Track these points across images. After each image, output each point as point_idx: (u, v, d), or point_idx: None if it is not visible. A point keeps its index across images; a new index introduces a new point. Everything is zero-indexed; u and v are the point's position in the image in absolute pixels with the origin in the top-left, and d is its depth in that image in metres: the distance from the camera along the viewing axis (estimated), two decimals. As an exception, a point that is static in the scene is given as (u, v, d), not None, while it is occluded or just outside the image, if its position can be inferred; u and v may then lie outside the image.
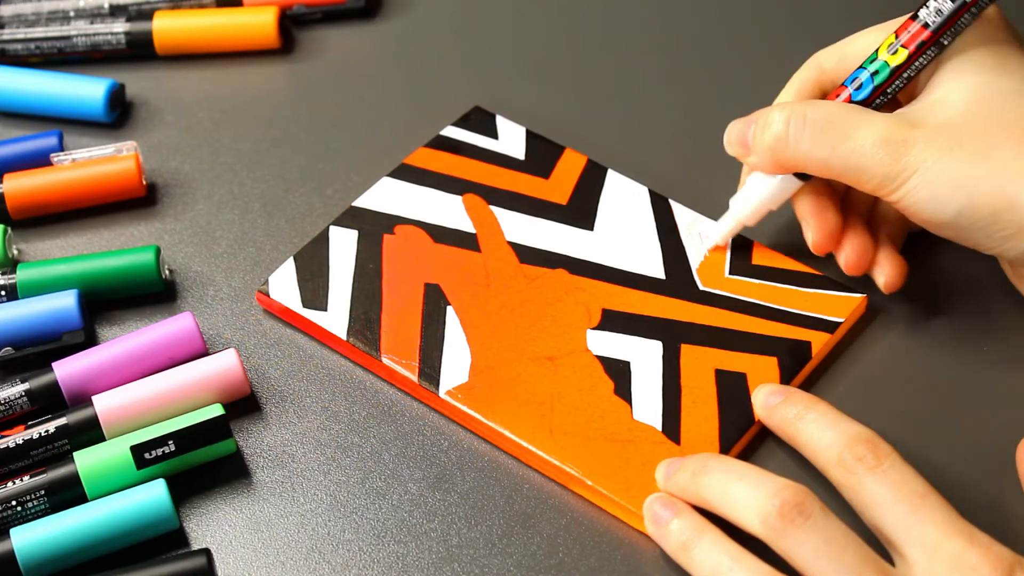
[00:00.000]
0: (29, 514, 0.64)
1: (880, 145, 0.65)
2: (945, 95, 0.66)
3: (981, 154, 0.64)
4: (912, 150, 0.64)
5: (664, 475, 0.64)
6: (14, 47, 0.82)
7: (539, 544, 0.64)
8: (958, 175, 0.64)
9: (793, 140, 0.66)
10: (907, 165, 0.64)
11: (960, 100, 0.65)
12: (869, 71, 0.67)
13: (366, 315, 0.70)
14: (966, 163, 0.64)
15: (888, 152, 0.64)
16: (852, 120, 0.66)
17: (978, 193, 0.64)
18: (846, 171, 0.66)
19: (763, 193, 0.69)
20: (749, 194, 0.70)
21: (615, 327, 0.69)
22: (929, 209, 0.65)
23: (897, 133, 0.65)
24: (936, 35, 0.66)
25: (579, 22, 0.84)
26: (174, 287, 0.73)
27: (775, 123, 0.67)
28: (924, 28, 0.66)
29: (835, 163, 0.66)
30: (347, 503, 0.65)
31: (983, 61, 0.66)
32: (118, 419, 0.66)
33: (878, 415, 0.65)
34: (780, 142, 0.67)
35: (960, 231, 0.65)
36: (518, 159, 0.76)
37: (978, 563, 0.57)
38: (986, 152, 0.64)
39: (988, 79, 0.65)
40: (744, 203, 0.70)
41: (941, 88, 0.66)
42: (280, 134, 0.80)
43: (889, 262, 0.69)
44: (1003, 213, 0.64)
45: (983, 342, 0.69)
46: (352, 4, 0.84)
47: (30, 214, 0.76)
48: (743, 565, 0.59)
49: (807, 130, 0.66)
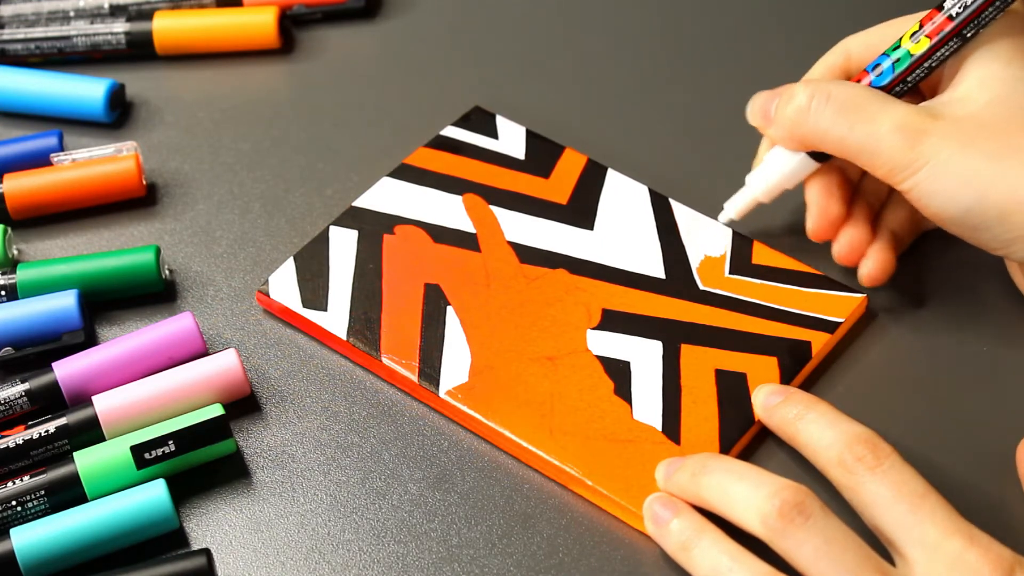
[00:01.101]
0: (29, 514, 0.64)
1: (897, 131, 0.65)
2: (968, 90, 0.66)
3: (996, 154, 0.64)
4: (927, 141, 0.64)
5: (664, 475, 0.64)
6: (14, 47, 0.82)
7: (539, 544, 0.64)
8: (969, 172, 0.64)
9: (814, 115, 0.67)
10: (920, 155, 0.64)
11: (983, 97, 0.65)
12: (891, 58, 0.68)
13: (366, 315, 0.70)
14: (979, 161, 0.64)
15: (903, 139, 0.65)
16: (875, 104, 0.66)
17: (988, 193, 0.64)
18: (861, 153, 0.66)
19: (779, 171, 0.70)
20: (765, 171, 0.70)
21: (615, 327, 0.69)
22: (938, 203, 0.65)
23: (916, 122, 0.65)
24: (960, 26, 0.66)
25: (579, 22, 0.84)
26: (174, 287, 0.73)
27: (799, 96, 0.67)
28: (948, 19, 0.66)
29: (851, 143, 0.66)
30: (347, 503, 0.65)
31: (1010, 58, 0.66)
32: (118, 419, 0.66)
33: (878, 415, 0.65)
34: (802, 115, 0.67)
35: (968, 229, 0.65)
36: (518, 159, 0.76)
37: (978, 563, 0.57)
38: (1002, 152, 0.64)
39: (1013, 76, 0.65)
40: (760, 180, 0.71)
41: (965, 83, 0.66)
42: (280, 134, 0.80)
43: (877, 255, 0.69)
44: (1013, 215, 0.63)
45: (983, 342, 0.69)
46: (352, 4, 0.84)
47: (30, 214, 0.76)
48: (743, 565, 0.59)
49: (829, 107, 0.66)
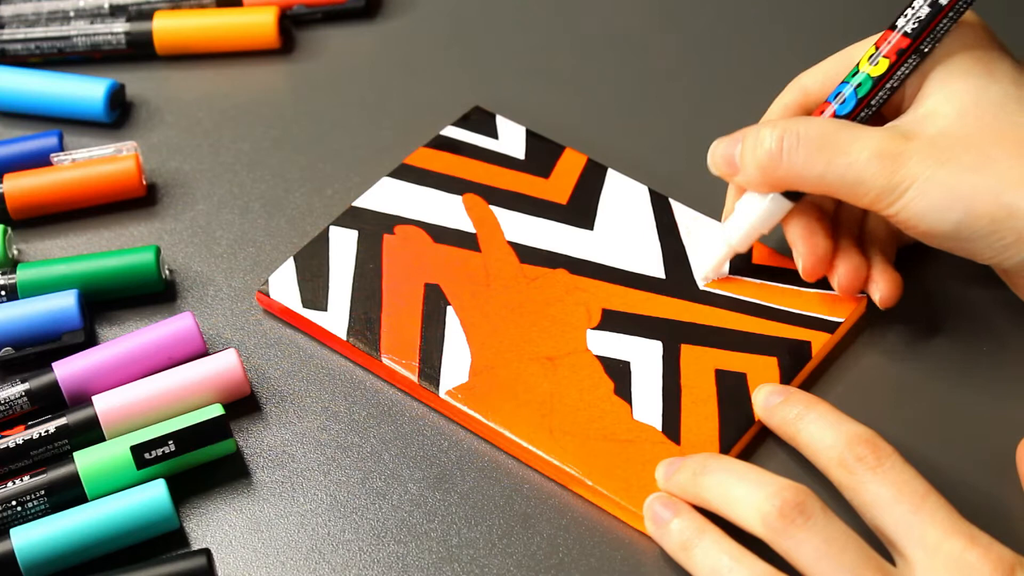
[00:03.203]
0: (29, 514, 0.64)
1: (875, 159, 0.64)
2: (935, 106, 0.65)
3: (977, 164, 0.63)
4: (908, 163, 0.64)
5: (664, 475, 0.64)
6: (14, 47, 0.82)
7: (539, 544, 0.64)
8: (955, 186, 0.64)
9: (787, 157, 0.66)
10: (904, 178, 0.64)
11: (951, 110, 0.65)
12: (852, 84, 0.67)
13: (366, 315, 0.70)
14: (963, 174, 0.63)
15: (884, 166, 0.64)
16: (845, 135, 0.65)
17: (977, 203, 0.63)
18: (842, 186, 0.65)
19: (752, 218, 0.68)
20: (738, 220, 0.69)
21: (615, 327, 0.69)
22: (928, 221, 0.64)
23: (892, 146, 0.64)
24: (916, 42, 0.66)
25: (579, 22, 0.84)
26: (174, 287, 0.73)
27: (767, 140, 0.66)
28: (905, 36, 0.66)
29: (831, 178, 0.65)
30: (347, 503, 0.65)
31: (969, 69, 0.66)
32: (118, 419, 0.66)
33: (878, 415, 0.65)
34: (773, 160, 0.66)
35: (959, 242, 0.65)
36: (518, 159, 0.76)
37: (979, 563, 0.57)
38: (982, 162, 0.63)
39: (976, 87, 0.65)
40: (734, 229, 0.69)
41: (930, 99, 0.66)
42: (280, 134, 0.80)
43: (883, 277, 0.69)
44: (1003, 222, 0.63)
45: (983, 342, 0.69)
46: (352, 4, 0.84)
47: (30, 214, 0.76)
48: (743, 565, 0.59)
49: (801, 147, 0.65)
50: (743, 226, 0.69)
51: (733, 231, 0.69)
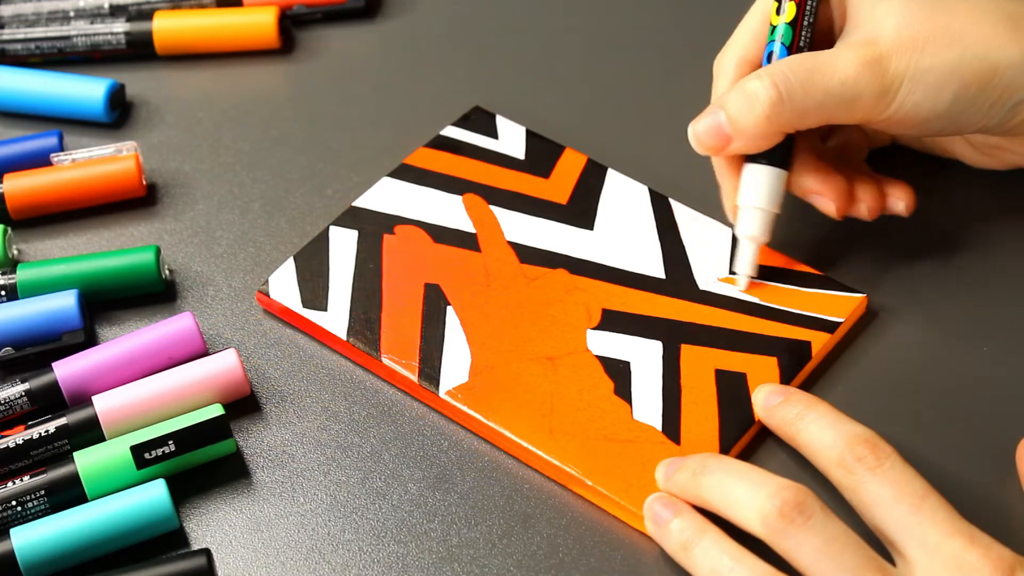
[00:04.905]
0: (29, 514, 0.64)
1: (862, 68, 0.66)
2: (873, 10, 0.67)
3: (949, 40, 0.65)
4: (890, 63, 0.66)
5: (664, 475, 0.64)
6: (14, 47, 0.82)
7: (539, 544, 0.64)
8: (942, 66, 0.65)
9: (788, 97, 0.66)
10: (894, 77, 0.66)
11: (894, 6, 0.66)
12: (777, 40, 0.68)
13: (366, 315, 0.70)
14: (944, 52, 0.65)
15: (872, 72, 0.66)
16: (821, 60, 0.66)
17: (965, 73, 0.65)
18: (839, 105, 0.66)
19: (762, 202, 0.69)
20: (750, 213, 0.69)
21: (615, 327, 0.69)
22: (925, 109, 0.66)
23: (867, 53, 0.66)
24: None
25: (579, 22, 0.84)
26: (174, 287, 0.73)
27: (761, 91, 0.66)
28: None
29: (830, 102, 0.66)
30: (347, 503, 0.65)
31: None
32: (118, 419, 0.66)
33: (878, 415, 0.65)
34: (775, 105, 0.66)
35: (951, 119, 0.67)
36: (518, 159, 0.76)
37: (979, 563, 0.57)
38: (952, 37, 0.65)
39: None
40: (750, 223, 0.69)
41: (863, 9, 0.67)
42: (280, 134, 0.80)
43: (895, 189, 0.71)
44: (989, 80, 0.65)
45: (983, 342, 0.69)
46: (352, 4, 0.84)
47: (30, 214, 0.76)
48: (743, 565, 0.59)
49: (796, 83, 0.66)
50: (757, 215, 0.69)
51: (750, 225, 0.69)
